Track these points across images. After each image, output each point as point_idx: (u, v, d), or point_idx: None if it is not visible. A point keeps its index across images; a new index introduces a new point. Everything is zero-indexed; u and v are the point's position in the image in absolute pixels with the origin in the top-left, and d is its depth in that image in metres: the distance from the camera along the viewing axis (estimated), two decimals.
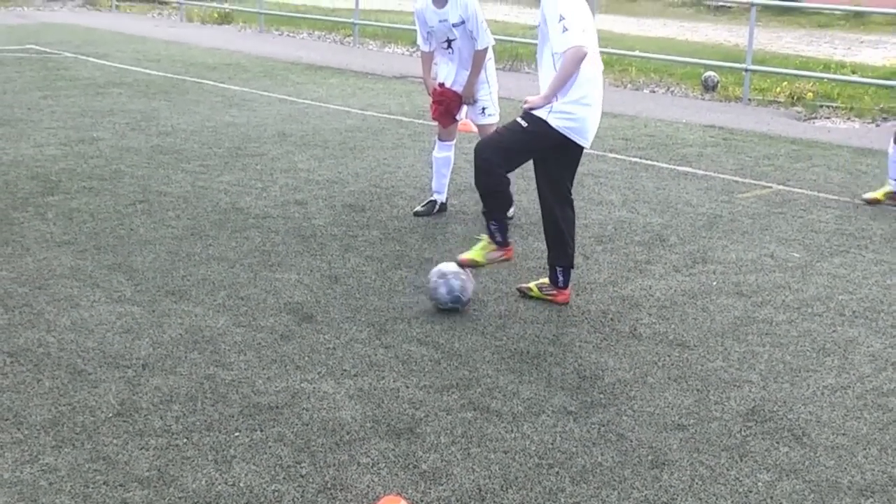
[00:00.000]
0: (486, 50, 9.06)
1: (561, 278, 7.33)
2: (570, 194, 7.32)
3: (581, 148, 7.15)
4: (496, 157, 7.07)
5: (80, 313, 6.78)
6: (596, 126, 7.15)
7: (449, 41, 9.04)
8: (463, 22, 8.88)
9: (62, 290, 7.19)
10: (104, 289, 7.24)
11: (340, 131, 12.96)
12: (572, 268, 7.38)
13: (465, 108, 9.32)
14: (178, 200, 9.52)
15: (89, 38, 22.72)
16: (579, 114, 6.98)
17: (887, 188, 10.43)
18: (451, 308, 7.05)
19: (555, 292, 7.35)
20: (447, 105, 9.23)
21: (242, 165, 11.00)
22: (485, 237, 7.30)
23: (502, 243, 7.24)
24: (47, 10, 29.26)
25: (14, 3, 29.68)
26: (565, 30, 6.74)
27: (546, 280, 7.42)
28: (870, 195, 10.49)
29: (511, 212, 8.69)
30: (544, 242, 7.90)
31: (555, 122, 6.94)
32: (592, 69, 7.02)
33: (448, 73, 9.21)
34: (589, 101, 7.02)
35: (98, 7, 30.72)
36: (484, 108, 9.23)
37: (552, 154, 7.14)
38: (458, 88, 9.15)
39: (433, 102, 9.32)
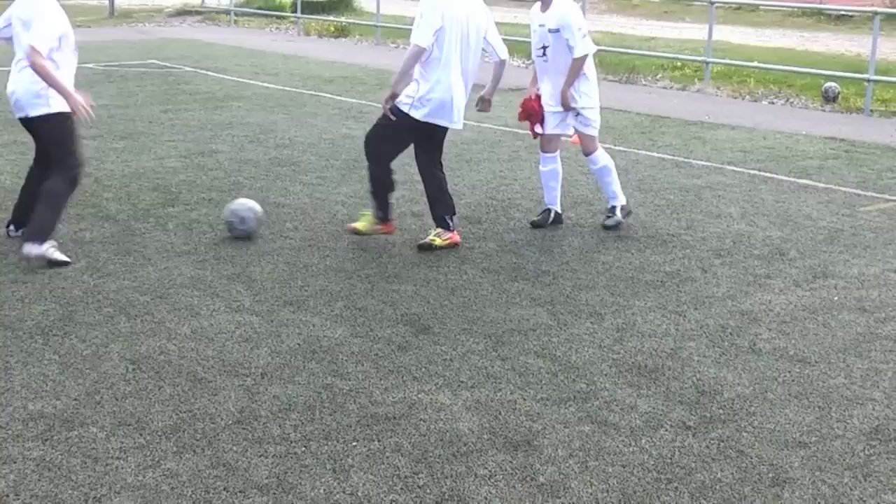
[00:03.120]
0: (584, 58, 9.01)
1: (451, 223, 8.68)
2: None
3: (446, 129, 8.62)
4: (377, 146, 8.77)
5: (199, 322, 6.89)
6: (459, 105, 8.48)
7: (544, 48, 9.04)
8: (558, 30, 8.88)
9: (182, 299, 7.31)
10: (223, 298, 7.34)
11: (456, 143, 12.96)
12: (455, 214, 8.80)
13: (549, 121, 9.22)
14: (295, 212, 9.62)
15: (208, 52, 23.10)
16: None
17: None
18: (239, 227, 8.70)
19: (449, 236, 8.65)
20: (527, 113, 9.25)
21: (359, 178, 11.05)
22: (370, 213, 8.74)
23: (382, 220, 8.70)
24: (168, 26, 29.83)
25: (136, 20, 30.32)
26: (414, 29, 8.24)
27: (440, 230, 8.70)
28: None
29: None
30: (661, 256, 7.87)
31: (416, 114, 8.39)
32: (439, 57, 8.27)
33: (544, 83, 9.21)
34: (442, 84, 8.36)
35: (217, 22, 31.21)
36: (582, 117, 9.18)
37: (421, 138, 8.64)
38: (550, 99, 9.12)
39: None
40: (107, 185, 10.21)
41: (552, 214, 9.43)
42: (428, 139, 8.63)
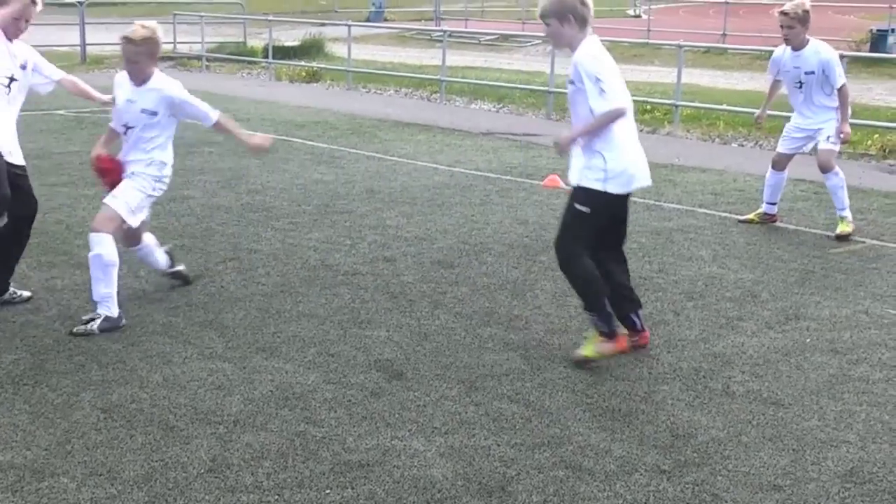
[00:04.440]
0: None
1: (638, 321, 7.43)
2: None
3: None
4: (570, 247, 7.18)
5: (172, 370, 6.85)
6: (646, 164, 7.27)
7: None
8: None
9: (155, 346, 7.27)
10: (196, 345, 7.31)
11: (428, 188, 13.01)
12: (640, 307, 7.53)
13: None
14: (267, 258, 9.60)
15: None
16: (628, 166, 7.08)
17: (761, 210, 11.71)
18: None
19: (637, 338, 7.42)
20: (101, 171, 8.74)
21: (331, 222, 11.07)
22: (594, 332, 7.18)
23: (608, 334, 7.09)
24: None
25: (108, 66, 30.29)
26: (602, 91, 6.79)
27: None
28: (744, 217, 11.77)
29: None
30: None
31: (613, 188, 7.05)
32: (624, 122, 7.04)
33: None
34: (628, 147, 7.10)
35: (188, 68, 31.21)
36: None
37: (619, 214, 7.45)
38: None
39: None
40: (78, 233, 10.16)
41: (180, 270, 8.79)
42: (621, 214, 7.51)
